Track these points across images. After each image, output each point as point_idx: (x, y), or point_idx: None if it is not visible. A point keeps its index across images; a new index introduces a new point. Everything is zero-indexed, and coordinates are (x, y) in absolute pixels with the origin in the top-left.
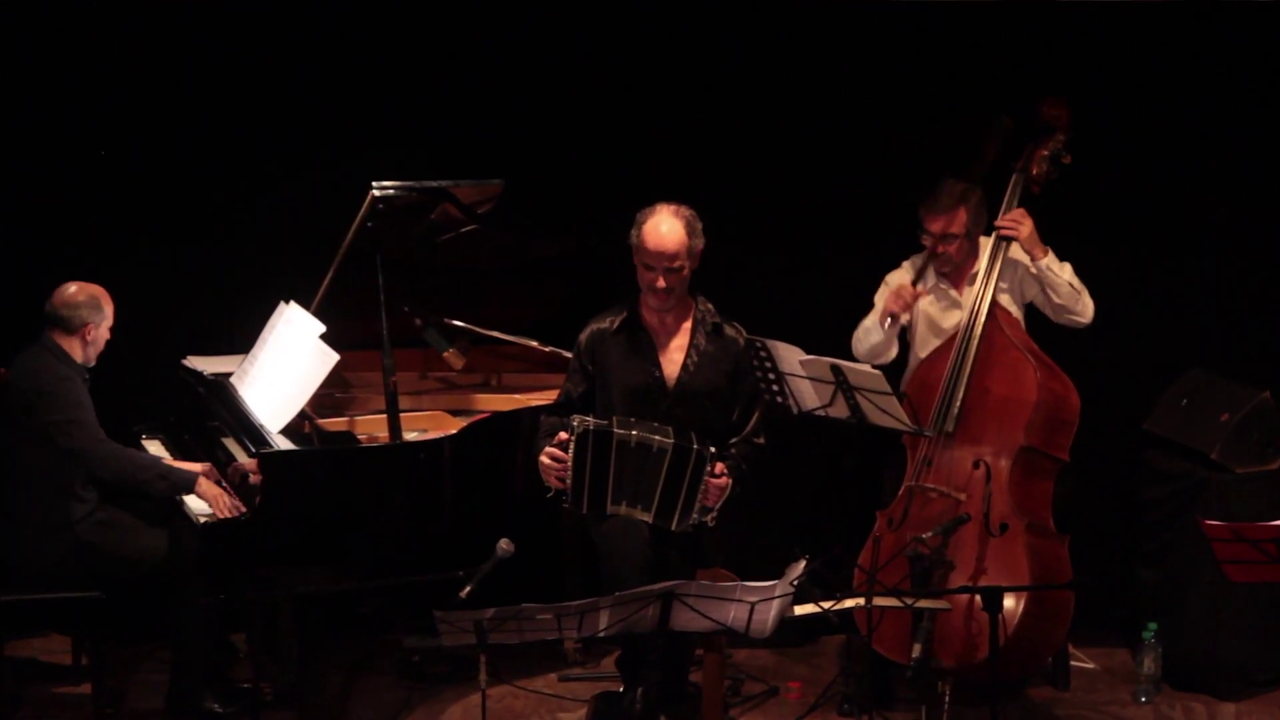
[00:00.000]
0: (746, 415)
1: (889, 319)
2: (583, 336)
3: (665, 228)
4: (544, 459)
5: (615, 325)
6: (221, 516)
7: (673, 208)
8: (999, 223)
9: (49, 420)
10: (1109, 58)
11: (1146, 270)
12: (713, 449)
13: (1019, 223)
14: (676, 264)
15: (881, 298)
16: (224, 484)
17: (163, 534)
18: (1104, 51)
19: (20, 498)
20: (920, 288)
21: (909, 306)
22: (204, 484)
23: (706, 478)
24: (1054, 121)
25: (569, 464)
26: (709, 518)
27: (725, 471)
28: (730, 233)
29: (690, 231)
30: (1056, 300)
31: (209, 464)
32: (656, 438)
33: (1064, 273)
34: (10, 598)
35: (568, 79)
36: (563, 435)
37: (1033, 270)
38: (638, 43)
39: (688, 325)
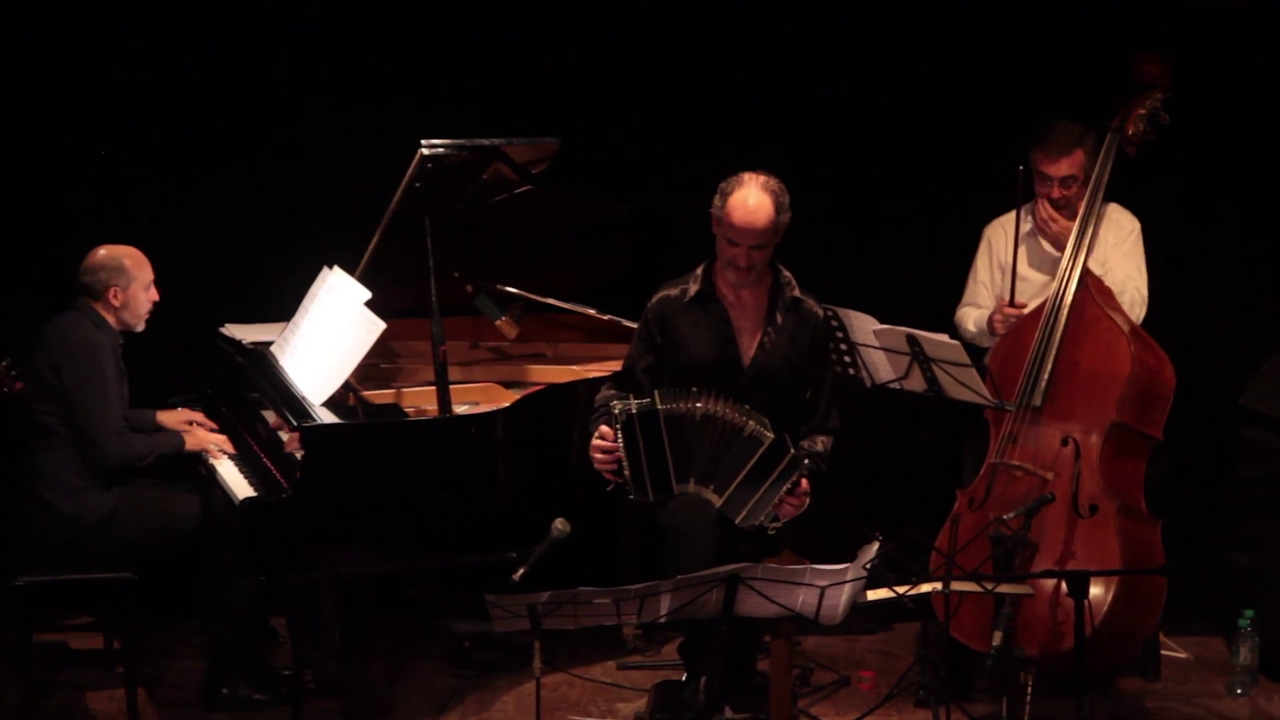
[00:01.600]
0: (819, 395)
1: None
2: (651, 304)
3: (754, 202)
4: (595, 455)
5: (688, 295)
6: (226, 452)
7: (761, 179)
8: (1038, 216)
9: (74, 388)
10: (1210, 11)
11: (1245, 237)
12: (806, 461)
13: (1056, 218)
14: (763, 241)
15: (984, 258)
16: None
17: (194, 501)
18: (1205, 5)
19: (47, 463)
20: (1020, 303)
21: (1013, 325)
22: (189, 438)
23: (787, 487)
24: (1152, 78)
25: (621, 454)
26: (773, 526)
27: (808, 491)
28: (803, 196)
29: (778, 207)
30: None
31: (188, 413)
32: (751, 423)
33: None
34: (39, 579)
35: (628, 29)
36: (604, 429)
37: (1122, 215)
38: None
39: (765, 299)
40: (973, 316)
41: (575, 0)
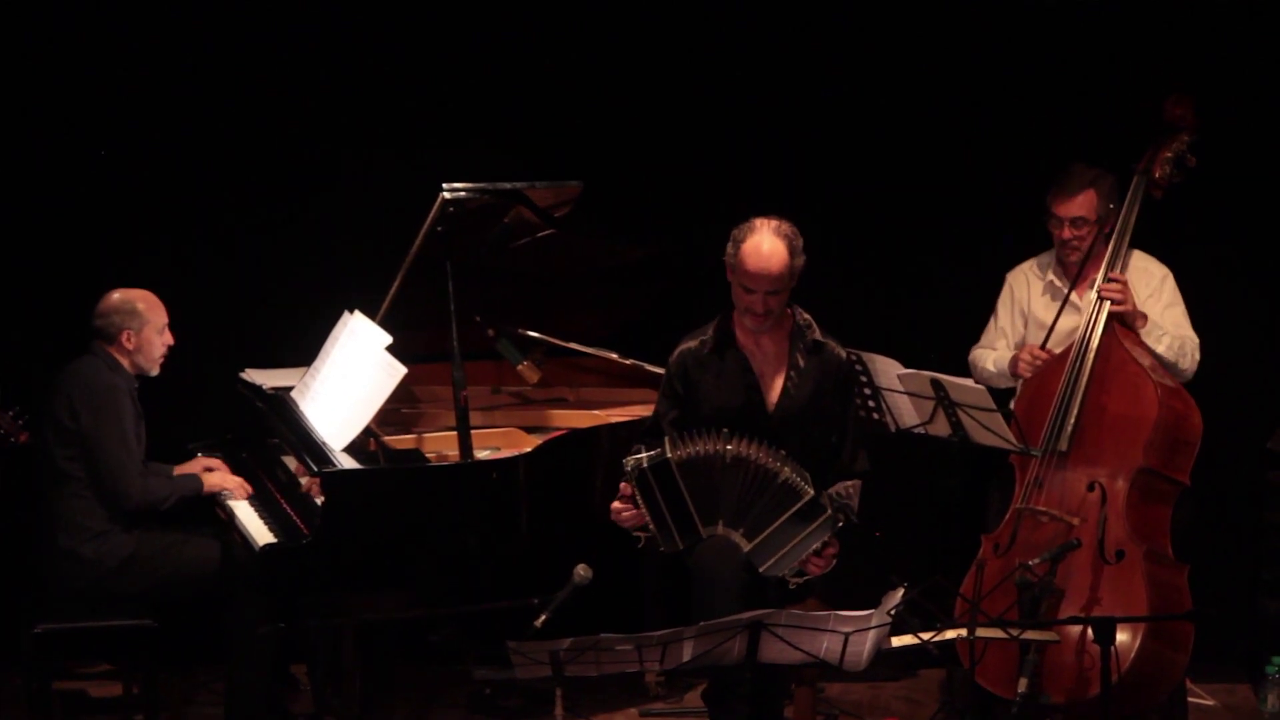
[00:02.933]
0: (844, 436)
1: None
2: (673, 358)
3: (766, 248)
4: (617, 516)
5: (707, 347)
6: (241, 496)
7: (773, 224)
8: (1102, 286)
9: (91, 432)
10: (1235, 51)
11: (1271, 281)
12: (840, 521)
13: (1122, 294)
14: (778, 287)
15: (1005, 304)
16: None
17: (214, 546)
18: (1230, 45)
19: (65, 509)
20: (1048, 349)
21: (1038, 369)
22: (208, 479)
23: (817, 546)
24: (1179, 121)
25: (643, 509)
26: (795, 580)
27: (836, 554)
28: (824, 239)
29: (792, 251)
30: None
31: (204, 461)
32: (786, 470)
33: (1159, 346)
34: (58, 626)
35: (650, 73)
36: (623, 487)
37: (1149, 262)
38: (724, 37)
39: (785, 344)
40: (991, 357)
41: (599, 44)
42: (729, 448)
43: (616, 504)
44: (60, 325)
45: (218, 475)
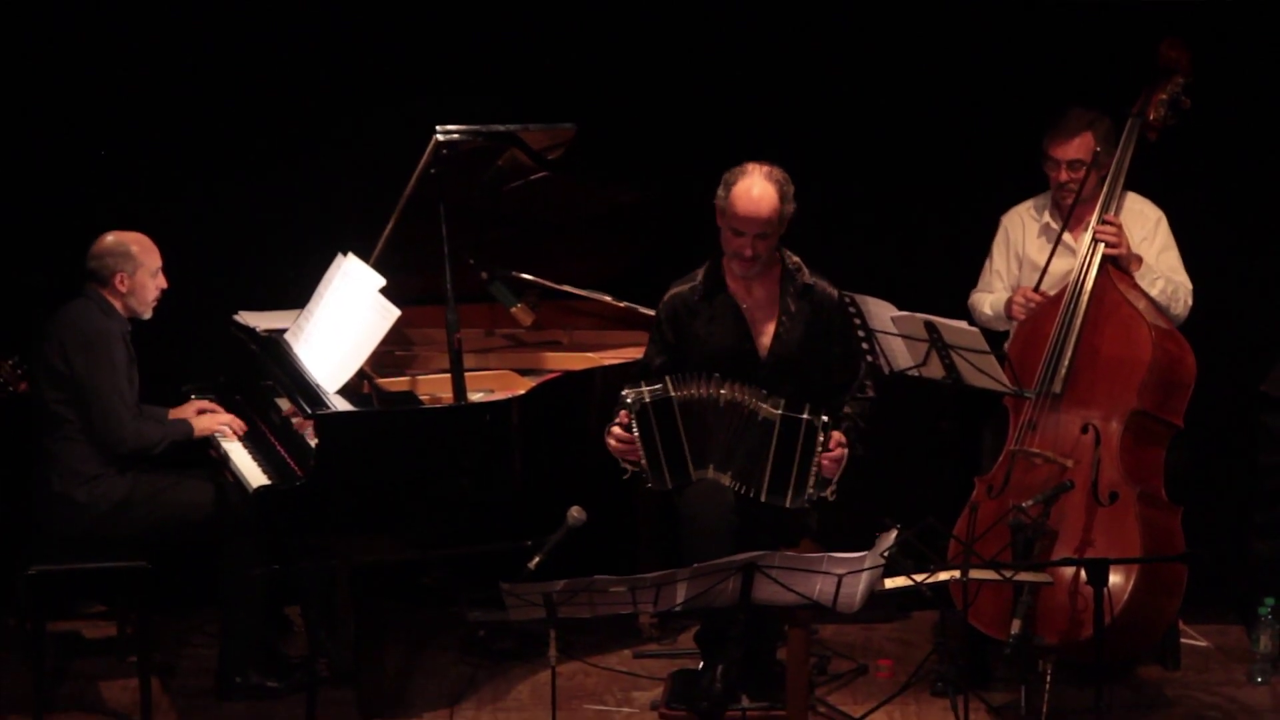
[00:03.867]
0: (851, 372)
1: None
2: (663, 304)
3: (757, 191)
4: (611, 441)
5: (698, 293)
6: (236, 434)
7: (765, 169)
8: (1097, 228)
9: (84, 376)
10: None
11: (1267, 223)
12: (825, 418)
13: (1117, 237)
14: (767, 230)
15: (1000, 246)
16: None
17: (208, 489)
18: None
19: (59, 453)
20: (1042, 291)
21: (1032, 311)
22: (199, 421)
23: (819, 449)
24: (1173, 63)
25: (637, 443)
26: (829, 491)
27: (843, 442)
28: (819, 183)
29: (782, 196)
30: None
31: (198, 404)
32: (764, 406)
33: (1152, 289)
34: (51, 568)
35: (644, 14)
36: (622, 415)
37: (1146, 204)
38: None
39: (775, 288)
40: (989, 300)
41: None
42: (723, 391)
43: (615, 429)
44: (58, 271)
45: (208, 418)
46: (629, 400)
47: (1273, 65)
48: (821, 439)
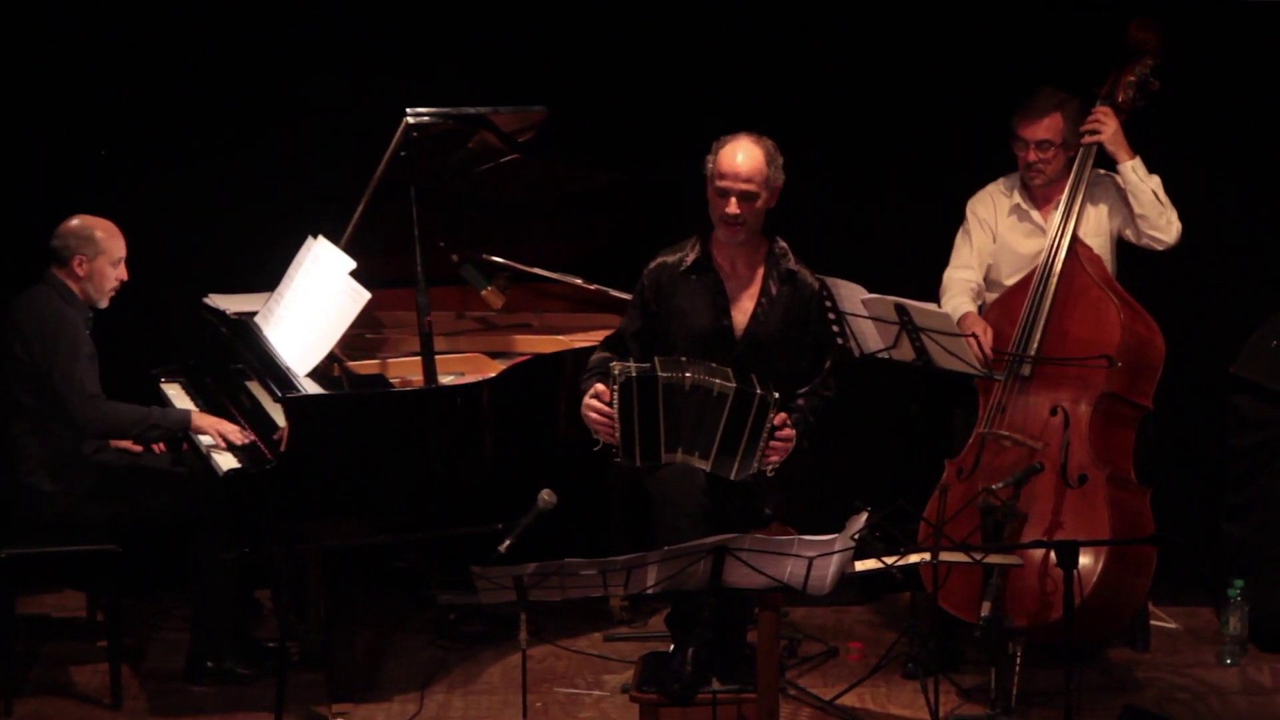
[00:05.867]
0: (817, 364)
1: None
2: (649, 269)
3: (743, 151)
4: (588, 413)
5: (686, 263)
6: (236, 443)
7: (754, 135)
8: (1082, 127)
9: (44, 360)
10: None
11: (1235, 205)
12: (776, 394)
13: (1103, 121)
14: (751, 188)
15: (974, 226)
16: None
17: (178, 472)
18: None
19: (25, 443)
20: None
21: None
22: (199, 418)
23: (769, 426)
24: (1142, 44)
25: (615, 416)
26: (769, 468)
27: (788, 423)
28: (793, 165)
29: (770, 161)
30: (1138, 210)
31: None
32: (717, 380)
33: (1150, 181)
34: (21, 550)
35: None
36: (600, 387)
37: (1118, 179)
38: None
39: (760, 269)
40: (950, 305)
41: None
42: (689, 375)
43: (594, 401)
44: (22, 258)
45: (212, 418)
46: (616, 373)
47: (1243, 46)
48: (772, 415)
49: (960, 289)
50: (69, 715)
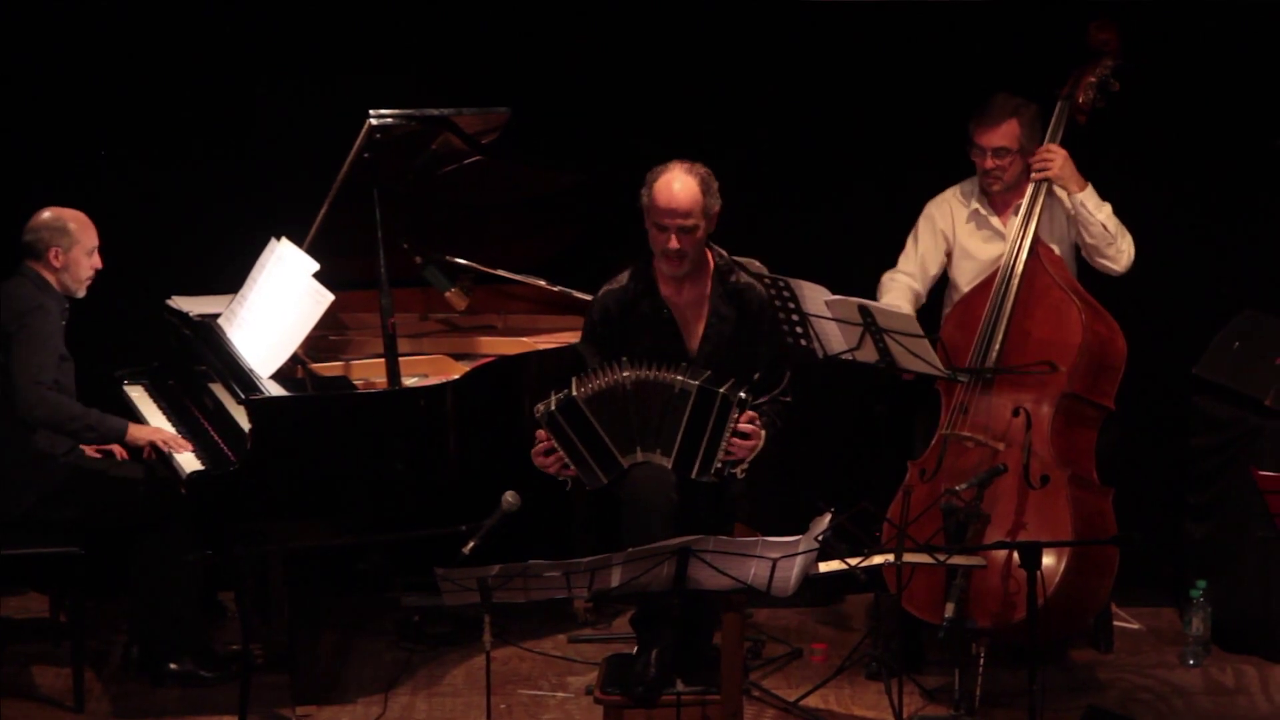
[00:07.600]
0: (774, 373)
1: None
2: (595, 300)
3: (678, 185)
4: (537, 460)
5: (629, 296)
6: (169, 450)
7: (686, 165)
8: (1030, 160)
9: (8, 349)
10: None
11: (1197, 206)
12: (743, 395)
13: (1049, 159)
14: (690, 222)
15: (926, 231)
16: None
17: (140, 474)
18: None
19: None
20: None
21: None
22: (136, 430)
23: (732, 425)
24: (1103, 45)
25: (560, 453)
26: (739, 470)
27: (755, 419)
28: (750, 166)
29: (705, 189)
30: (1089, 240)
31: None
32: (679, 378)
33: (1099, 212)
34: None
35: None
36: (540, 433)
37: (1068, 206)
38: None
39: (705, 288)
40: (887, 298)
41: None
42: (626, 374)
43: (537, 451)
44: None
45: (149, 428)
46: (539, 414)
47: (1203, 48)
48: (735, 415)
49: (901, 294)
50: (31, 717)
